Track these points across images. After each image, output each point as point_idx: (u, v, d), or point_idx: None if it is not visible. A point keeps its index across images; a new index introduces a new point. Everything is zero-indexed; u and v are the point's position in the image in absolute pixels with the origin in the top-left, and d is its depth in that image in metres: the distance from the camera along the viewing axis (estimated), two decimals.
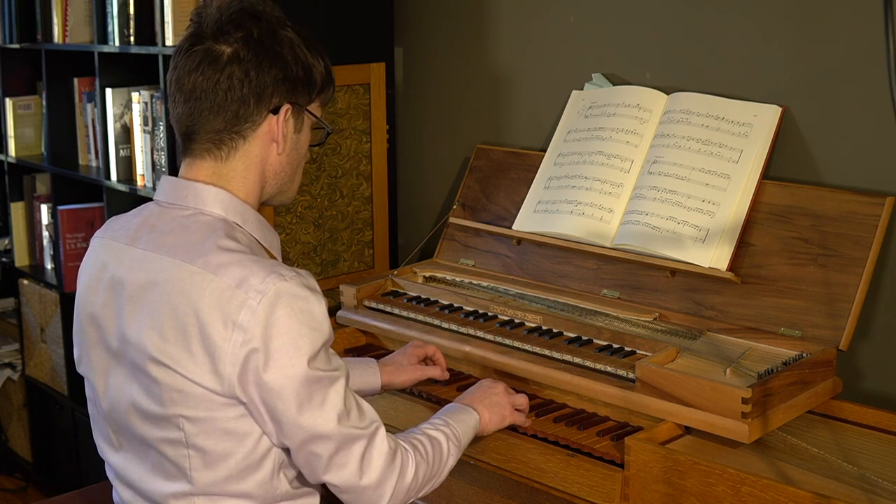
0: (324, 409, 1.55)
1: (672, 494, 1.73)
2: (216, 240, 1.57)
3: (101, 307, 1.65)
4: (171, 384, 1.54)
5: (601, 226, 2.27)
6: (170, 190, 1.67)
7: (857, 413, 1.95)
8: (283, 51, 1.63)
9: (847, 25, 2.06)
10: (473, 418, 1.87)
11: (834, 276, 1.99)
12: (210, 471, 1.57)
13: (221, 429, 1.56)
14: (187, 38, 1.65)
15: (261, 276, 1.52)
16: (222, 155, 1.65)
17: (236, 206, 1.65)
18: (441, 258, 2.63)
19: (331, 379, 1.57)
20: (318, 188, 2.75)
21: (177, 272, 1.56)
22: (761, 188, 2.13)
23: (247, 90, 1.61)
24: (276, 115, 1.64)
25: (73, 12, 3.35)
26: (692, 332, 2.10)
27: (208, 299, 1.52)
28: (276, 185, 1.71)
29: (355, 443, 1.59)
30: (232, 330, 1.50)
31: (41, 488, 3.91)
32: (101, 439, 1.74)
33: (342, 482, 1.60)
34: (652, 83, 2.37)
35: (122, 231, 1.69)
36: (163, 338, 1.54)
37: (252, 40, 1.61)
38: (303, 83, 1.66)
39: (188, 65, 1.62)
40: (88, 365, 1.70)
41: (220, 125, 1.63)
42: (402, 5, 2.93)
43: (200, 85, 1.61)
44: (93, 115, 3.43)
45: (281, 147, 1.67)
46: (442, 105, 2.89)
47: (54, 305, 3.59)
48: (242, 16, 1.63)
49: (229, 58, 1.60)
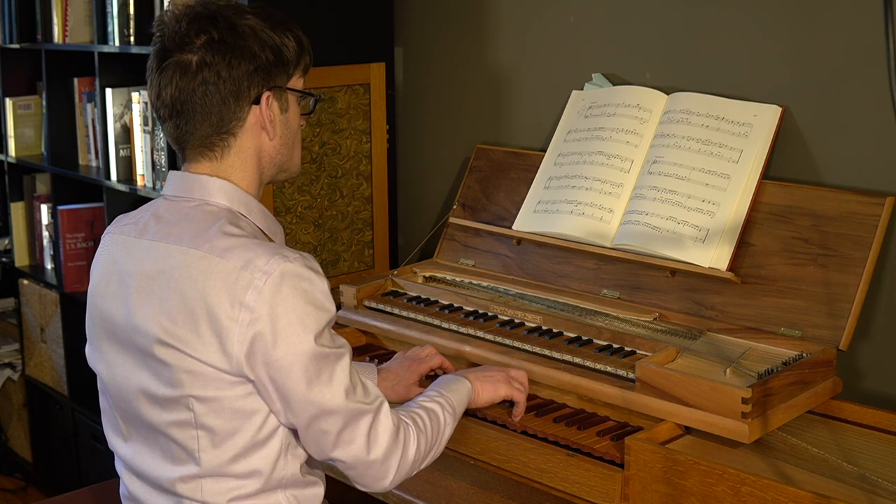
0: (332, 385, 1.59)
1: (672, 494, 1.73)
2: (221, 226, 1.61)
3: (111, 300, 1.68)
4: (181, 366, 1.57)
5: (601, 226, 2.27)
6: (176, 184, 1.71)
7: (857, 413, 1.94)
8: (248, 42, 1.64)
9: (847, 25, 2.06)
10: (466, 387, 1.90)
11: (834, 276, 1.99)
12: (218, 450, 1.60)
13: (230, 407, 1.59)
14: (155, 54, 1.67)
15: (265, 258, 1.56)
16: (216, 155, 1.69)
17: (241, 196, 1.69)
18: (441, 258, 2.63)
19: (337, 355, 1.61)
20: (318, 188, 2.75)
21: (184, 258, 1.59)
22: (761, 188, 2.13)
23: (224, 91, 1.64)
24: (258, 105, 1.67)
25: (73, 12, 3.35)
26: (692, 332, 2.10)
27: (215, 281, 1.56)
28: (275, 166, 1.75)
29: (362, 418, 1.63)
30: (239, 310, 1.54)
31: (41, 488, 3.91)
32: (111, 432, 1.76)
33: (350, 457, 1.64)
34: (652, 83, 2.37)
35: (131, 225, 1.73)
36: (172, 321, 1.58)
37: (214, 42, 1.63)
38: (276, 66, 1.68)
39: (162, 80, 1.65)
40: (99, 358, 1.73)
41: (207, 131, 1.66)
42: (402, 5, 2.93)
43: (178, 98, 1.64)
44: (93, 115, 3.43)
45: (272, 133, 1.70)
46: (442, 105, 2.89)
47: (54, 305, 3.59)
48: (199, 20, 1.64)
49: (198, 65, 1.63)
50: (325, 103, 2.72)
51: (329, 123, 2.75)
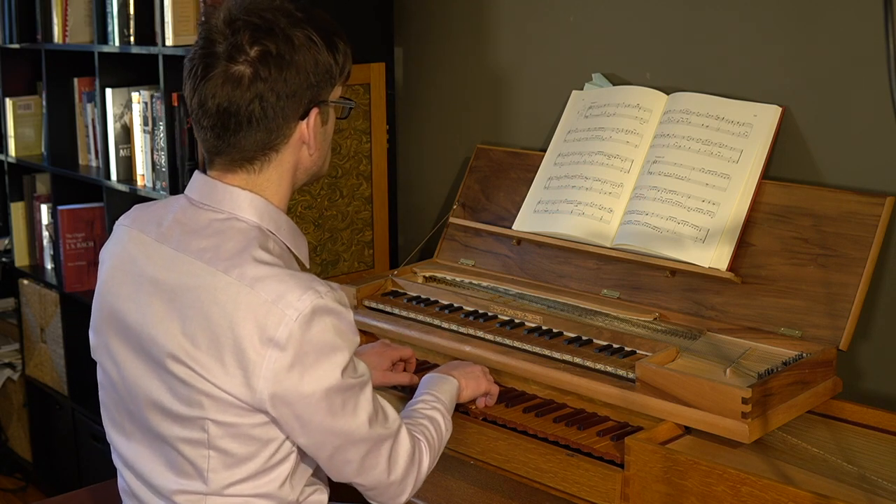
0: (357, 415, 1.59)
1: (672, 494, 1.73)
2: (251, 251, 1.56)
3: (126, 300, 1.64)
4: (199, 387, 1.54)
5: (601, 226, 2.27)
6: (205, 190, 1.64)
7: (857, 413, 1.95)
8: (304, 59, 1.58)
9: (847, 25, 2.06)
10: (454, 385, 1.94)
11: (834, 276, 1.99)
12: (229, 472, 1.58)
13: (247, 434, 1.56)
14: (200, 58, 1.58)
15: (297, 293, 1.52)
16: (255, 168, 1.63)
17: (271, 212, 1.64)
18: (441, 258, 2.63)
19: (361, 385, 1.60)
20: (318, 188, 2.75)
21: (211, 280, 1.54)
22: (761, 188, 2.13)
23: (278, 109, 1.58)
24: (304, 121, 1.62)
25: (73, 12, 3.35)
26: (692, 332, 2.10)
27: (244, 313, 1.51)
28: (309, 176, 1.71)
29: (384, 444, 1.64)
30: (268, 346, 1.50)
31: (41, 488, 3.91)
32: (110, 425, 1.73)
33: (371, 482, 1.66)
34: (652, 83, 2.37)
35: (151, 225, 1.67)
36: (194, 344, 1.54)
37: (271, 56, 1.56)
38: (325, 81, 1.63)
39: (208, 88, 1.57)
40: (106, 354, 1.69)
41: (251, 145, 1.60)
42: (402, 5, 2.93)
43: (227, 110, 1.57)
44: (93, 115, 3.43)
45: (312, 147, 1.65)
46: (442, 105, 2.89)
47: (54, 305, 3.59)
48: (254, 30, 1.57)
49: (250, 79, 1.55)
50: None
51: None
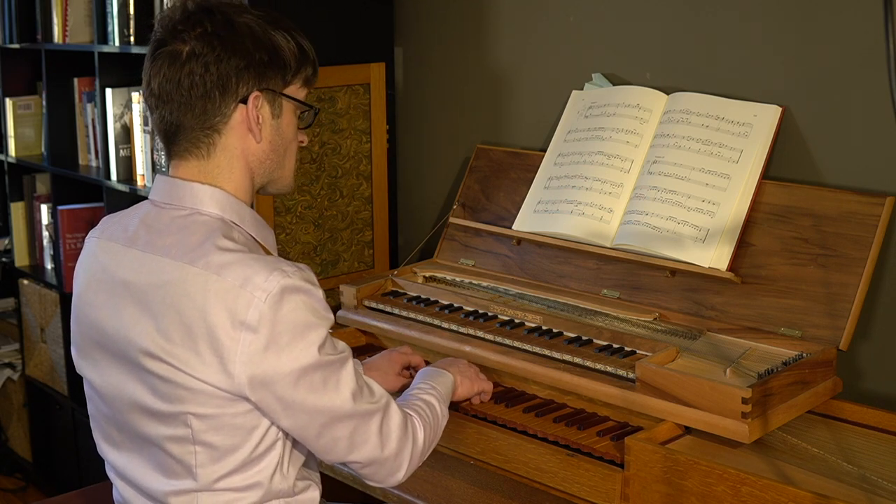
0: (339, 391, 1.59)
1: (672, 494, 1.73)
2: (215, 240, 1.58)
3: (102, 309, 1.65)
4: (179, 382, 1.55)
5: (601, 226, 2.27)
6: (165, 189, 1.67)
7: (857, 413, 1.95)
8: (242, 38, 1.62)
9: (847, 25, 2.06)
10: (450, 380, 1.97)
11: (834, 276, 1.99)
12: (216, 465, 1.59)
13: (230, 424, 1.57)
14: (151, 44, 1.66)
15: (264, 275, 1.53)
16: (202, 153, 1.65)
17: (232, 204, 1.66)
18: (441, 258, 2.63)
19: (341, 361, 1.61)
20: (318, 188, 2.75)
21: (179, 274, 1.56)
22: (761, 188, 2.13)
23: (209, 84, 1.61)
24: (245, 105, 1.64)
25: (73, 12, 3.35)
26: (692, 332, 2.10)
27: (214, 300, 1.53)
28: (264, 173, 1.71)
29: (372, 417, 1.64)
30: (241, 329, 1.52)
31: (41, 488, 3.91)
32: (100, 438, 1.74)
33: (365, 457, 1.66)
34: (652, 83, 2.37)
35: (119, 232, 1.69)
36: (168, 339, 1.55)
37: (207, 34, 1.61)
38: (271, 67, 1.65)
39: (153, 69, 1.63)
40: (88, 366, 1.71)
41: (191, 122, 1.63)
42: (402, 5, 2.93)
43: (165, 87, 1.62)
44: (93, 115, 3.43)
45: (258, 135, 1.66)
46: (442, 105, 2.89)
47: (54, 305, 3.59)
48: (196, 12, 1.63)
49: (187, 55, 1.60)
50: (326, 103, 2.72)
51: (329, 123, 2.75)
